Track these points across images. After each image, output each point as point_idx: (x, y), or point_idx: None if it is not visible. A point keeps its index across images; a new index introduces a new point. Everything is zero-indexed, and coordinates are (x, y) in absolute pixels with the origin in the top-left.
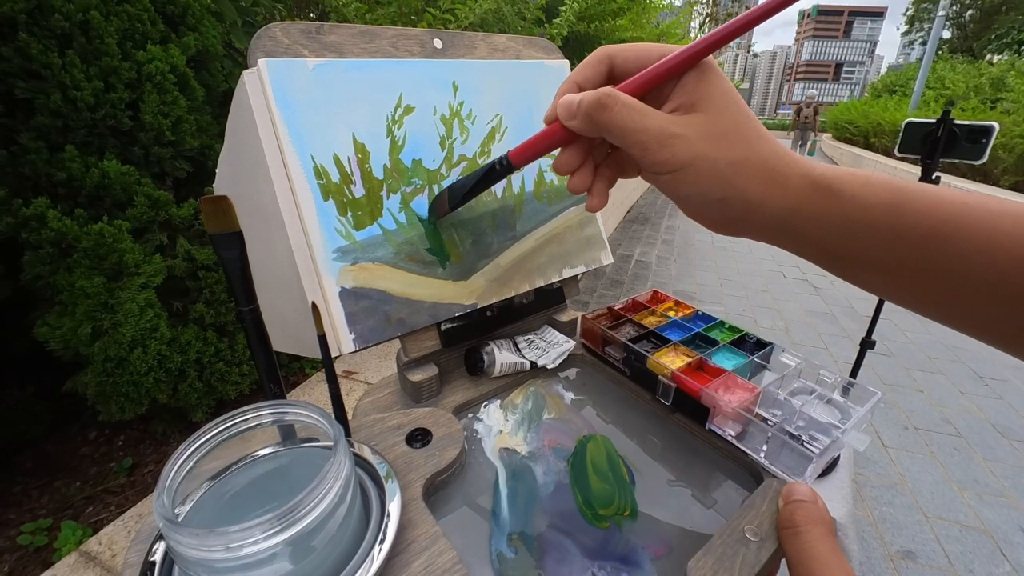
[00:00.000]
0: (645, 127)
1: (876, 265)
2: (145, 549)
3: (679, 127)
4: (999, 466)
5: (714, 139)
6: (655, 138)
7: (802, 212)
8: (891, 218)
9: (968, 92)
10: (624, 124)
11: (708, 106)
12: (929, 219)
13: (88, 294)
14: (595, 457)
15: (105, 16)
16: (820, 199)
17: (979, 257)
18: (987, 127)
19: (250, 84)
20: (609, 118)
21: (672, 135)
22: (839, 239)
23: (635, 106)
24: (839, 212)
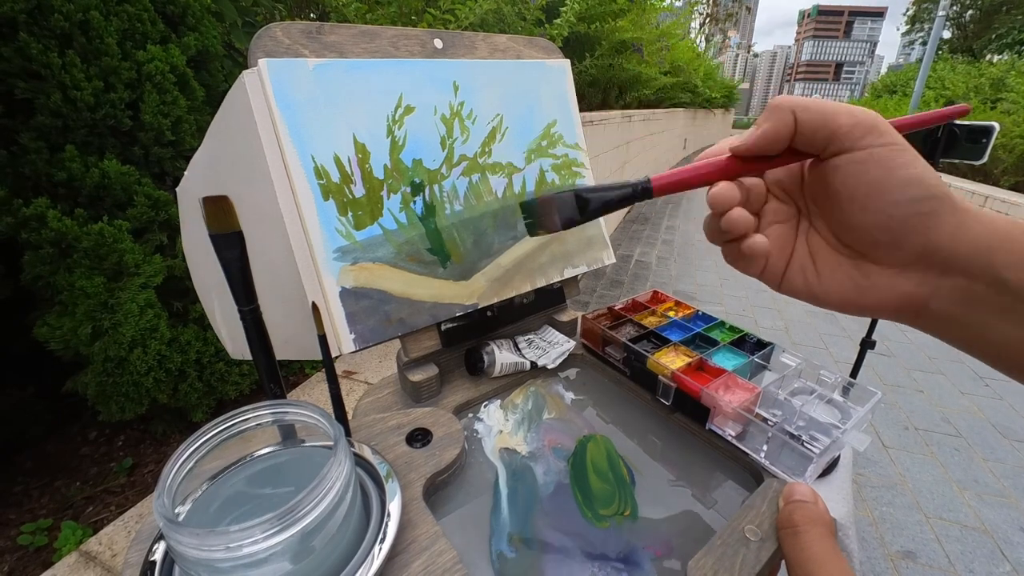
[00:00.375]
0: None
1: (1004, 328)
2: (145, 549)
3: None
4: (999, 466)
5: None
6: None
7: (987, 242)
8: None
9: (968, 92)
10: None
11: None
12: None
13: (88, 294)
14: (595, 457)
15: (105, 16)
16: (967, 232)
17: None
18: (987, 127)
19: (250, 84)
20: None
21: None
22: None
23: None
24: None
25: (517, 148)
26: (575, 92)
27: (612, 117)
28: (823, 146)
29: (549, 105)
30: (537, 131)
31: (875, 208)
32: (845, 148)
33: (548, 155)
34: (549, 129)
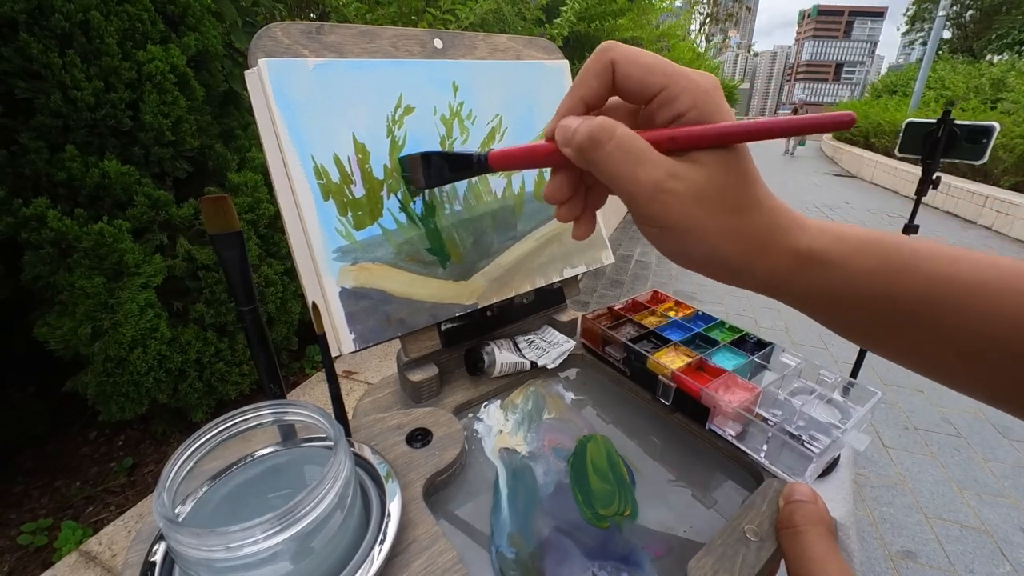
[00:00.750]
0: (635, 178)
1: (867, 330)
2: (145, 549)
3: (673, 182)
4: (999, 466)
5: (707, 202)
6: (645, 192)
7: (789, 281)
8: (880, 286)
9: (968, 92)
10: (614, 169)
11: (711, 160)
12: (918, 288)
13: (88, 294)
14: (595, 457)
15: (105, 16)
16: (806, 270)
17: (970, 323)
18: (988, 127)
19: (250, 84)
20: (600, 158)
21: (665, 191)
22: (828, 306)
23: (631, 149)
24: (826, 282)
25: None
26: None
27: None
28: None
29: (549, 106)
30: (536, 131)
31: (678, 263)
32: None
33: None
34: None
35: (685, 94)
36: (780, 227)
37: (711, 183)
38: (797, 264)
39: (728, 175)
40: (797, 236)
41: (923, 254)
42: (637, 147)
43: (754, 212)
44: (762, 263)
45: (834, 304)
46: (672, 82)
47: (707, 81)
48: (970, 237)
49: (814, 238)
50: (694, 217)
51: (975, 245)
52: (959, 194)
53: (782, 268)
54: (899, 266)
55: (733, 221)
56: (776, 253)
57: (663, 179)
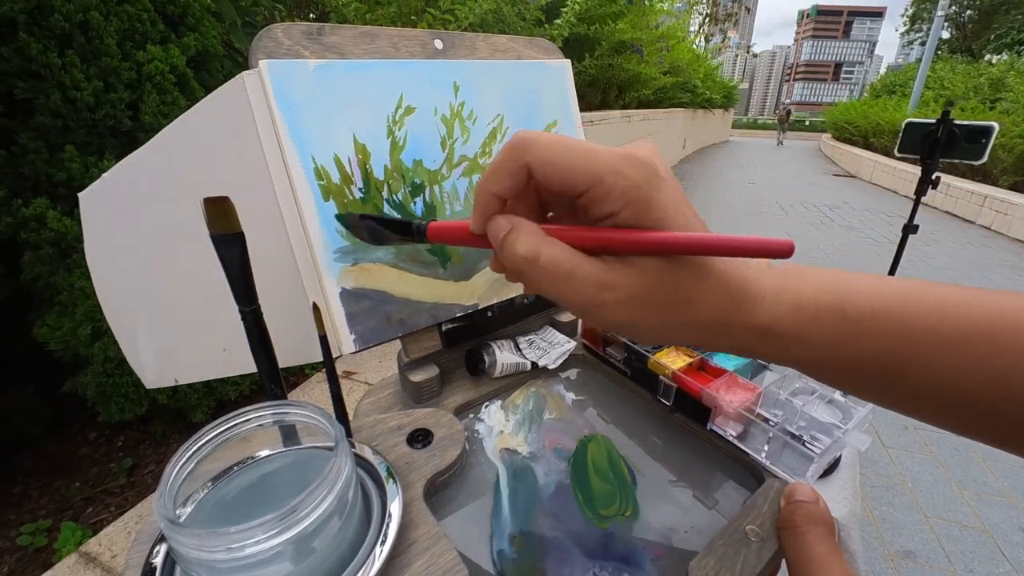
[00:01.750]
0: (567, 298)
1: (843, 387)
2: (146, 550)
3: (606, 293)
4: (999, 466)
5: (647, 304)
6: (580, 305)
7: (751, 350)
8: (837, 352)
9: (967, 92)
10: (545, 290)
11: (649, 262)
12: (879, 350)
13: (88, 294)
14: (596, 457)
15: (105, 16)
16: (765, 343)
17: (929, 382)
18: (987, 127)
19: (250, 85)
20: (529, 283)
21: (599, 303)
22: (796, 368)
23: (556, 272)
24: (787, 353)
25: None
26: (575, 92)
27: (612, 117)
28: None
29: (550, 105)
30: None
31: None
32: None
33: None
34: (550, 129)
35: (614, 193)
36: (736, 307)
37: (650, 287)
38: (756, 338)
39: (669, 274)
40: (752, 312)
41: (881, 313)
42: (562, 268)
43: (701, 302)
44: (722, 340)
45: (800, 368)
46: (598, 182)
47: (639, 173)
48: (969, 237)
49: (769, 310)
50: (634, 318)
51: (974, 245)
52: (958, 194)
53: (742, 342)
54: (857, 332)
55: (680, 316)
56: (734, 331)
57: (594, 294)
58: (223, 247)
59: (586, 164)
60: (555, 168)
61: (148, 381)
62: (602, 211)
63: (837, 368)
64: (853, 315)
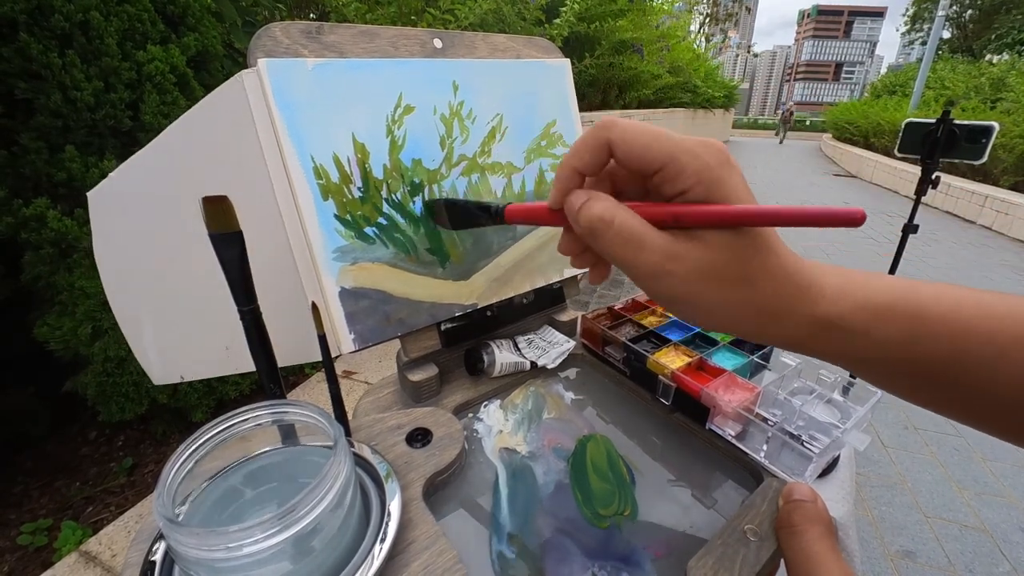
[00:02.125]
0: (635, 263)
1: (894, 387)
2: (145, 549)
3: (673, 264)
4: (999, 466)
5: (711, 278)
6: (645, 275)
7: (807, 346)
8: (904, 352)
9: (968, 92)
10: (615, 254)
11: (714, 237)
12: (944, 350)
13: (88, 294)
14: (595, 457)
15: (105, 16)
16: (824, 336)
17: (1000, 381)
18: (987, 127)
19: (249, 84)
20: (601, 245)
21: (665, 273)
22: (851, 366)
23: (630, 237)
24: (847, 349)
25: (517, 148)
26: (575, 92)
27: None
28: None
29: (549, 105)
30: (537, 131)
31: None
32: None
33: (548, 155)
34: (549, 129)
35: (687, 172)
36: (797, 295)
37: (714, 259)
38: (815, 330)
39: (734, 250)
40: (815, 302)
41: (948, 311)
42: (635, 234)
43: (765, 282)
44: (777, 330)
45: (857, 366)
46: (672, 160)
47: (711, 155)
48: (970, 237)
49: (832, 303)
50: (698, 293)
51: (975, 245)
52: (959, 194)
53: (800, 335)
54: (924, 333)
55: (741, 294)
56: (792, 321)
57: (662, 262)
58: (222, 246)
59: (663, 144)
60: (634, 146)
61: (155, 377)
62: (674, 189)
63: (899, 368)
64: (917, 315)
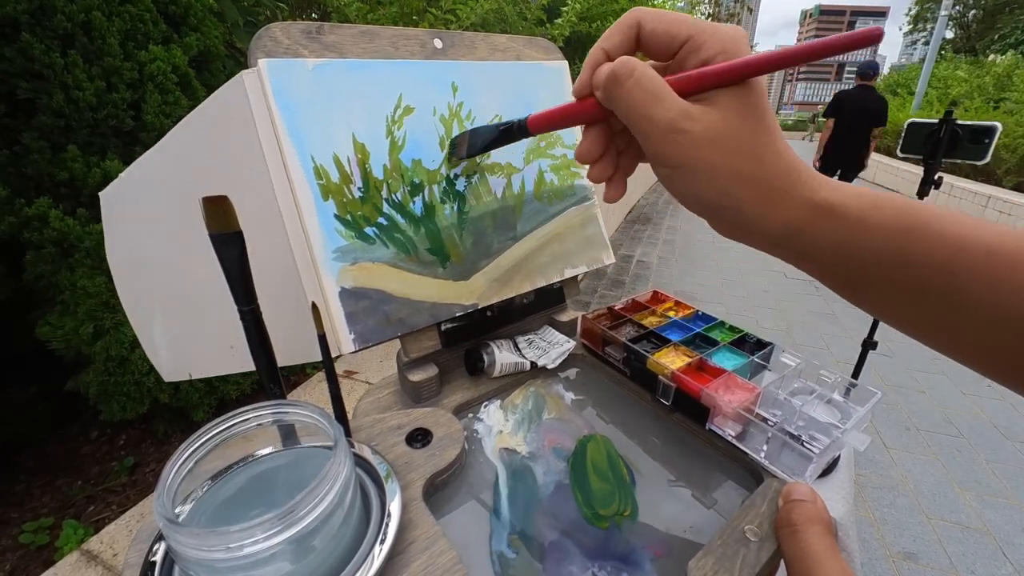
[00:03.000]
0: (651, 115)
1: (879, 289)
2: (145, 549)
3: (687, 122)
4: (1001, 467)
5: (721, 144)
6: (660, 129)
7: (801, 233)
8: (897, 244)
9: (971, 92)
10: (632, 105)
11: (728, 104)
12: (938, 250)
13: (90, 293)
14: (595, 457)
15: (107, 16)
16: (821, 221)
17: (987, 294)
18: (990, 127)
19: (250, 84)
20: (620, 95)
21: (678, 130)
22: (840, 260)
23: (649, 88)
24: (841, 234)
25: (516, 148)
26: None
27: None
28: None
29: (547, 106)
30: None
31: (692, 211)
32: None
33: (547, 155)
34: None
35: (712, 40)
36: (797, 179)
37: (727, 125)
38: (812, 215)
39: (745, 120)
40: (814, 188)
41: (946, 218)
42: (655, 85)
43: (770, 160)
44: (775, 212)
45: (847, 261)
46: (698, 31)
47: (733, 30)
48: None
49: (832, 191)
50: (706, 159)
51: None
52: (961, 194)
53: (796, 219)
54: (918, 225)
55: (747, 166)
56: (791, 202)
57: (677, 119)
58: (222, 246)
59: (688, 19)
60: (662, 20)
61: (165, 374)
62: (699, 58)
63: (887, 263)
64: (912, 211)
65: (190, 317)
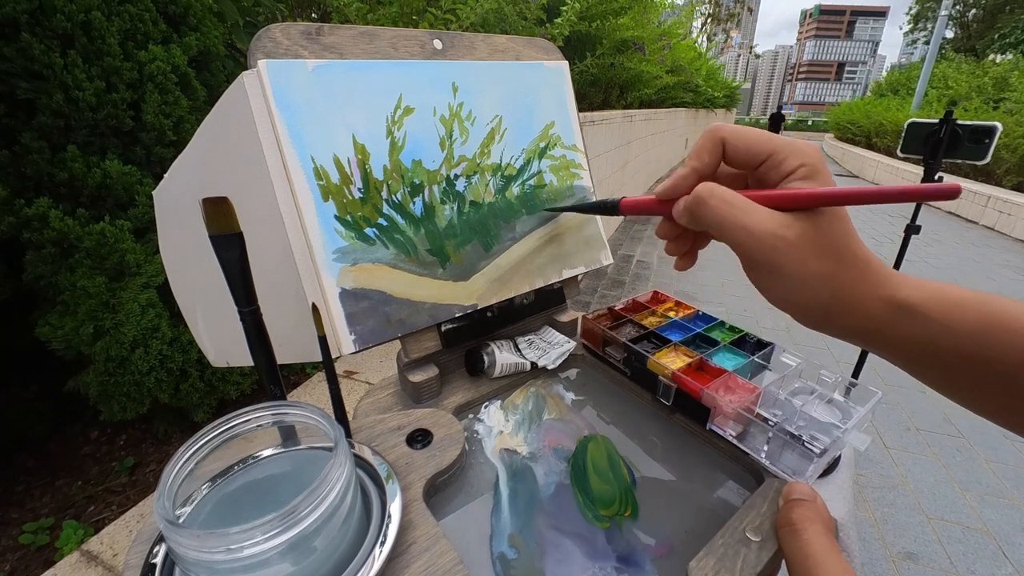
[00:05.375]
0: (745, 224)
1: (960, 387)
2: (146, 550)
3: (785, 229)
4: (1001, 467)
5: (814, 249)
6: (755, 237)
7: (881, 330)
8: (980, 345)
9: (971, 92)
10: (720, 219)
11: (818, 214)
12: (1020, 349)
13: (90, 294)
14: (596, 457)
15: (107, 16)
16: (902, 321)
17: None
18: (990, 127)
19: (250, 85)
20: (705, 212)
21: (774, 235)
22: (923, 358)
23: (735, 202)
24: (923, 335)
25: (516, 149)
26: (574, 92)
27: (613, 117)
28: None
29: (548, 106)
30: (536, 132)
31: (777, 305)
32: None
33: (547, 156)
34: (547, 130)
35: (794, 156)
36: (876, 279)
37: (818, 233)
38: (892, 313)
39: (832, 228)
40: (895, 287)
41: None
42: (739, 200)
43: (853, 262)
44: (857, 309)
45: (927, 359)
46: (779, 148)
47: (812, 149)
48: (972, 237)
49: (912, 291)
50: (800, 261)
51: (977, 245)
52: (961, 194)
53: (877, 316)
54: (1002, 325)
55: (833, 268)
56: (872, 301)
57: (774, 228)
58: (222, 247)
59: (769, 137)
60: (745, 139)
61: (211, 359)
62: (779, 174)
63: (969, 361)
64: (997, 310)
65: (221, 309)
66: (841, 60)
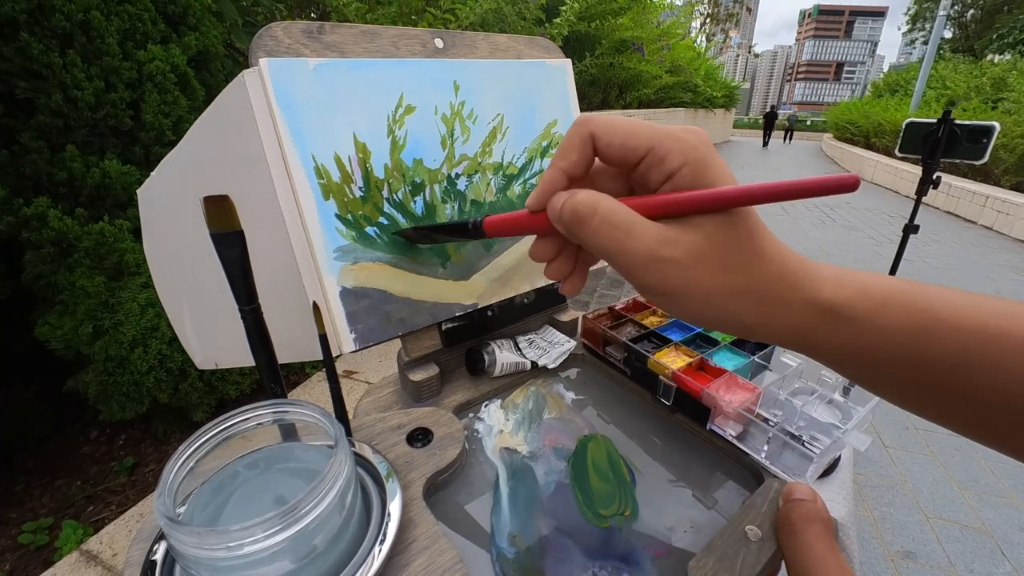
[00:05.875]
0: (625, 250)
1: (896, 387)
2: (146, 548)
3: (667, 248)
4: (1000, 466)
5: (708, 263)
6: (639, 262)
7: (809, 337)
8: (911, 344)
9: (969, 92)
10: (603, 244)
11: (708, 219)
12: (955, 347)
13: (89, 293)
14: (596, 457)
15: (106, 16)
16: (827, 324)
17: (1013, 387)
18: (988, 127)
19: (251, 84)
20: (587, 234)
21: (659, 259)
22: (853, 361)
23: (617, 223)
24: (851, 338)
25: (518, 148)
26: (576, 92)
27: None
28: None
29: (550, 105)
30: (538, 131)
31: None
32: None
33: (549, 155)
34: (550, 129)
35: (673, 153)
36: (794, 280)
37: (710, 244)
38: (817, 319)
39: (728, 233)
40: (816, 288)
41: (959, 307)
42: (623, 219)
43: (762, 267)
44: (779, 320)
45: (861, 362)
46: (657, 143)
47: (695, 137)
48: (971, 237)
49: (835, 291)
50: (695, 281)
51: (976, 245)
52: (959, 194)
53: (802, 324)
54: (931, 322)
55: (739, 279)
56: (794, 308)
57: (655, 248)
58: (223, 246)
59: (646, 129)
60: (617, 133)
61: (198, 362)
62: (661, 173)
63: (902, 362)
64: (924, 304)
65: (210, 310)
66: (840, 60)
